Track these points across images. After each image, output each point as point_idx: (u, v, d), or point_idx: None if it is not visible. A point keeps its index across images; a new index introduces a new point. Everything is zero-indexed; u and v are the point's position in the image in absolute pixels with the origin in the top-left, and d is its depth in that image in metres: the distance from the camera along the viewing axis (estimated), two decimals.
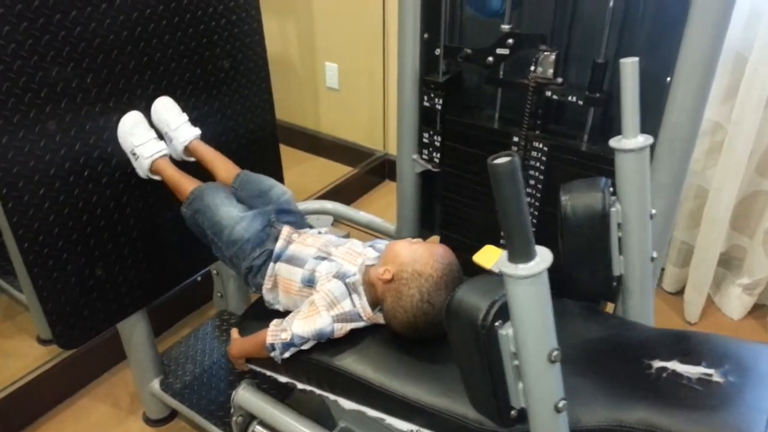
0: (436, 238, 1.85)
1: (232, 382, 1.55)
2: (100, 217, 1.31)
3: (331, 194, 2.45)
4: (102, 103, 1.26)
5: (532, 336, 0.78)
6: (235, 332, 1.28)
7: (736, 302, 1.95)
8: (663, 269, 2.08)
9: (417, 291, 1.08)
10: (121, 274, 1.39)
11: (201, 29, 1.40)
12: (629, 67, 1.01)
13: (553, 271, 1.10)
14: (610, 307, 1.35)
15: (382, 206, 2.54)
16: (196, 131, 1.38)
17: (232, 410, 1.33)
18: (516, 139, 1.47)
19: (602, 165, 1.37)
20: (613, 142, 1.07)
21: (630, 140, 1.05)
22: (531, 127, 1.46)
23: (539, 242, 1.56)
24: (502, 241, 1.60)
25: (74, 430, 1.63)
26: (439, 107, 1.55)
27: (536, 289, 0.75)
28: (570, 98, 1.36)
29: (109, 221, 1.33)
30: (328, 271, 1.17)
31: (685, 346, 1.04)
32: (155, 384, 1.57)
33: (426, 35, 1.52)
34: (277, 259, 1.22)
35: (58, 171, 1.22)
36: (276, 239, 1.24)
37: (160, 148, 1.31)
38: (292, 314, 1.16)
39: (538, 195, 1.50)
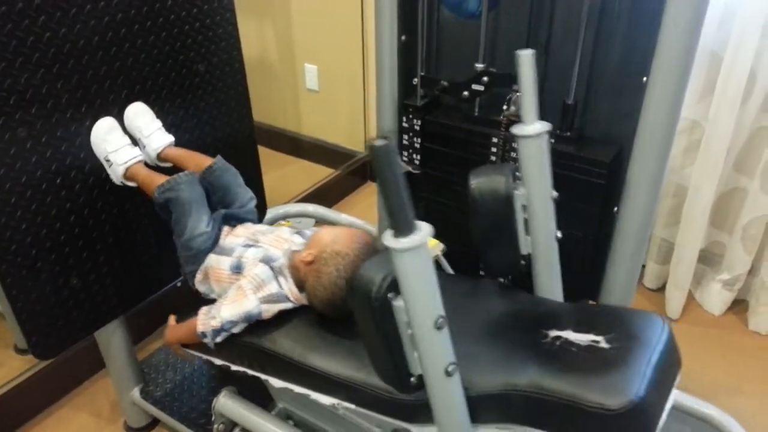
0: None
1: (213, 389, 1.54)
2: (74, 225, 1.29)
3: (313, 196, 2.44)
4: (74, 109, 1.23)
5: (418, 305, 0.84)
6: (171, 319, 1.31)
7: (716, 298, 1.97)
8: (644, 266, 2.09)
9: (334, 269, 1.13)
10: (97, 282, 1.37)
11: (174, 33, 1.38)
12: (526, 58, 1.06)
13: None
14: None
15: (365, 208, 2.53)
16: (170, 138, 1.36)
17: (213, 418, 1.32)
18: (495, 140, 1.47)
19: (580, 164, 1.38)
20: (516, 129, 1.12)
21: (529, 126, 1.10)
22: (504, 159, 1.47)
23: None
24: None
25: None
26: (417, 128, 1.58)
27: (418, 260, 0.80)
28: None
29: (83, 229, 1.31)
30: (254, 257, 1.21)
31: (581, 317, 1.12)
32: (135, 392, 1.55)
33: (403, 38, 1.52)
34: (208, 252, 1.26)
35: (29, 179, 1.20)
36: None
37: (134, 154, 1.30)
38: (219, 300, 1.18)
39: None
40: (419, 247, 0.79)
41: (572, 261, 1.47)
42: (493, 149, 1.48)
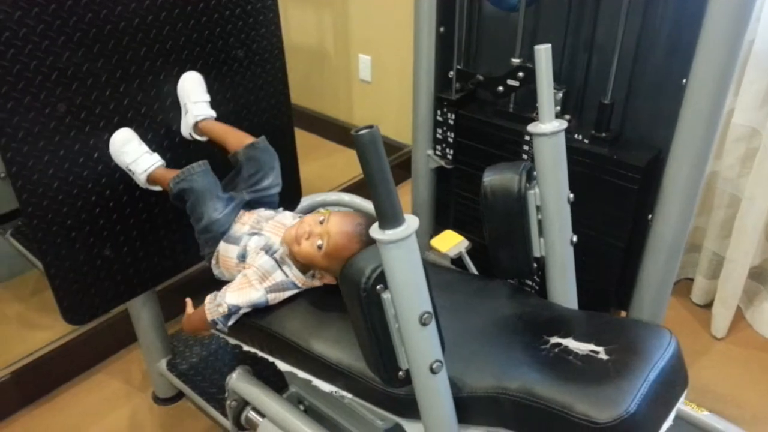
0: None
1: (235, 366, 1.58)
2: (109, 199, 1.35)
3: (357, 187, 2.45)
4: (112, 88, 1.29)
5: (403, 298, 0.82)
6: (189, 305, 1.30)
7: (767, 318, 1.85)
8: (692, 280, 1.99)
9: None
10: (130, 255, 1.43)
11: (214, 17, 1.41)
12: (543, 53, 1.02)
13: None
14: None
15: (408, 201, 2.52)
16: (212, 113, 1.41)
17: (226, 394, 1.35)
18: (528, 137, 1.43)
19: (613, 167, 1.33)
20: (531, 127, 1.08)
21: (546, 124, 1.06)
22: None
23: None
24: None
25: (87, 402, 1.70)
26: (452, 122, 1.56)
27: (405, 253, 0.79)
28: (576, 136, 1.37)
29: (118, 203, 1.37)
30: (256, 245, 1.22)
31: (588, 326, 1.07)
32: (162, 364, 1.61)
33: (442, 29, 1.50)
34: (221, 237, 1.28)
35: (67, 152, 1.26)
36: None
37: (153, 161, 1.34)
38: (224, 287, 1.20)
39: None
40: (405, 239, 0.78)
41: (601, 268, 1.43)
42: (525, 147, 1.44)
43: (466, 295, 1.23)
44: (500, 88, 1.42)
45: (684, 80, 1.19)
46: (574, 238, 1.14)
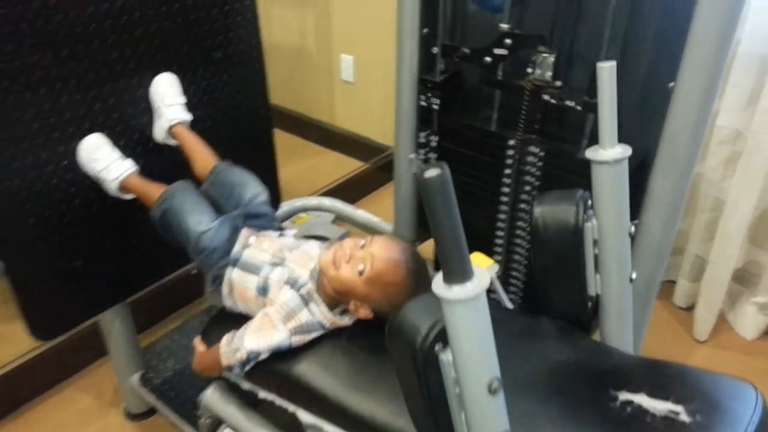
0: (431, 241, 1.80)
1: (212, 380, 1.53)
2: (78, 209, 1.29)
3: (339, 190, 2.41)
4: (82, 93, 1.23)
5: (469, 363, 0.73)
6: (198, 343, 1.21)
7: (750, 321, 1.84)
8: (675, 282, 1.98)
9: (392, 298, 1.03)
10: (101, 267, 1.37)
11: (191, 19, 1.36)
12: (606, 72, 0.94)
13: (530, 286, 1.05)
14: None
15: (390, 205, 2.49)
16: (188, 116, 1.35)
17: (200, 411, 1.30)
18: (512, 142, 1.40)
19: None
20: (590, 153, 0.99)
21: (607, 151, 0.98)
22: (528, 130, 1.39)
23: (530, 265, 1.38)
24: (497, 249, 1.54)
25: (58, 418, 1.64)
26: (435, 107, 1.50)
27: (472, 313, 0.69)
28: (568, 102, 1.30)
29: (88, 213, 1.31)
30: (279, 278, 1.13)
31: (656, 377, 0.97)
32: (135, 378, 1.55)
33: (425, 31, 1.47)
34: (234, 263, 1.17)
35: (35, 160, 1.20)
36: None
37: (125, 167, 1.27)
38: (242, 328, 1.10)
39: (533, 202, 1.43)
40: (475, 298, 0.68)
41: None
42: (510, 152, 1.41)
43: (509, 337, 1.11)
44: (488, 58, 1.35)
45: (671, 84, 1.17)
46: (634, 275, 1.06)
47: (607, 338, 1.12)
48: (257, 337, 1.07)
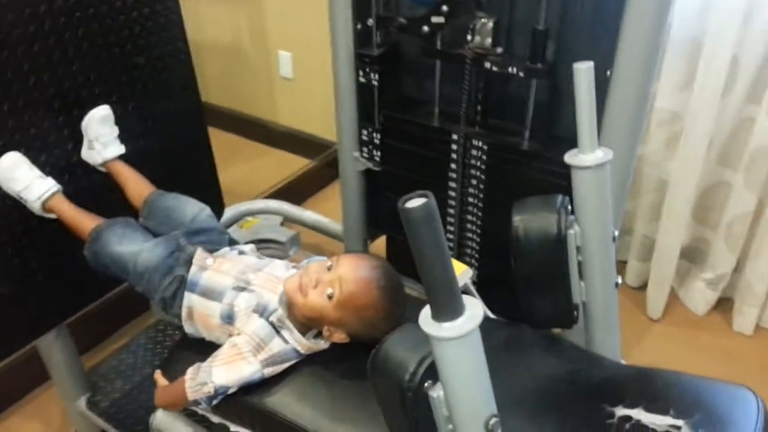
0: (383, 238, 1.77)
1: None
2: (1, 231, 1.21)
3: (286, 190, 2.35)
4: (9, 104, 1.15)
5: (464, 402, 0.68)
6: (159, 377, 1.13)
7: (699, 297, 1.88)
8: (625, 263, 2.01)
9: (368, 324, 0.98)
10: (31, 291, 1.29)
11: (108, 24, 1.28)
12: (583, 73, 0.89)
13: (511, 295, 1.02)
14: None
15: (337, 203, 2.45)
16: (121, 149, 1.30)
17: None
18: (455, 137, 1.38)
19: (545, 165, 1.29)
20: (569, 158, 0.96)
21: (587, 155, 0.94)
22: (470, 122, 1.37)
23: (484, 255, 1.41)
24: (448, 245, 1.52)
25: None
26: (375, 83, 1.44)
27: (466, 349, 0.65)
28: (510, 69, 1.25)
29: (12, 234, 1.23)
30: (247, 305, 1.06)
31: (651, 388, 0.94)
32: (82, 402, 1.48)
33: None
34: (192, 288, 1.10)
35: None
36: (187, 263, 1.12)
37: (47, 186, 1.19)
38: (209, 360, 1.03)
39: (481, 196, 1.41)
40: (467, 335, 0.62)
41: None
42: (454, 146, 1.39)
43: (491, 349, 1.03)
44: (425, 28, 1.30)
45: (608, 72, 1.16)
46: (619, 280, 1.03)
47: (593, 346, 1.09)
48: (225, 370, 1.00)
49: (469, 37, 1.27)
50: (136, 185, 1.28)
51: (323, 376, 1.03)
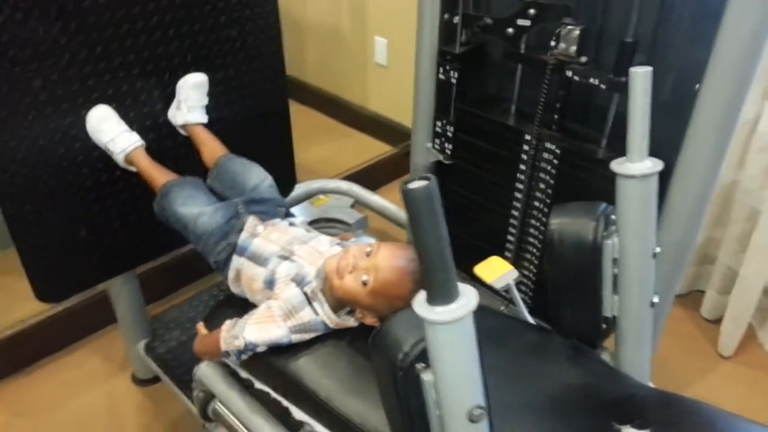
0: None
1: None
2: (86, 178, 1.31)
3: (364, 173, 2.39)
4: (91, 65, 1.24)
5: (450, 389, 0.68)
6: (201, 327, 1.21)
7: None
8: (703, 292, 1.89)
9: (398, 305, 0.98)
10: (107, 236, 1.39)
11: None
12: (640, 77, 0.85)
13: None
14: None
15: None
16: (204, 119, 1.39)
17: (193, 384, 1.31)
18: (527, 137, 1.34)
19: (612, 175, 1.23)
20: (615, 165, 0.91)
21: (635, 164, 0.89)
22: (546, 124, 1.32)
23: (542, 264, 1.28)
24: (508, 246, 1.48)
25: (67, 377, 1.69)
26: (454, 81, 1.43)
27: (456, 336, 0.64)
28: (592, 80, 1.20)
29: (96, 182, 1.33)
30: (287, 273, 1.10)
31: (667, 413, 0.90)
32: (141, 346, 1.58)
33: None
34: (242, 252, 1.16)
35: (43, 130, 1.22)
36: (241, 231, 1.18)
37: (131, 141, 1.28)
38: (245, 317, 1.09)
39: (548, 201, 1.37)
40: (460, 320, 0.62)
41: None
42: (525, 147, 1.36)
43: (517, 351, 1.07)
44: (510, 30, 1.28)
45: (697, 85, 1.09)
46: (656, 299, 0.99)
47: (621, 364, 1.05)
48: (257, 329, 1.06)
49: (553, 43, 1.24)
50: (212, 147, 1.35)
51: (347, 350, 1.06)
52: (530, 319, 1.23)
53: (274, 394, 1.12)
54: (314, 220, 1.95)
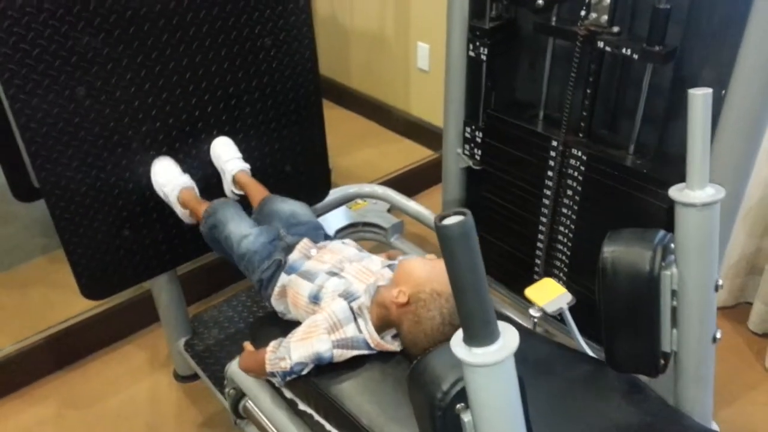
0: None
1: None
2: (128, 180, 1.39)
3: (403, 178, 2.41)
4: (132, 73, 1.31)
5: (490, 431, 0.65)
6: (248, 345, 1.24)
7: None
8: (750, 304, 1.81)
9: (438, 313, 0.98)
10: (149, 236, 1.46)
11: (240, 5, 1.40)
12: (699, 99, 0.81)
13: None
14: None
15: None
16: (246, 165, 1.46)
17: (225, 381, 1.36)
18: (554, 143, 1.34)
19: (649, 185, 1.21)
20: (674, 192, 0.88)
21: (695, 192, 0.86)
22: (573, 129, 1.31)
23: (573, 271, 1.33)
24: (537, 261, 1.47)
25: (114, 371, 1.78)
26: (484, 57, 1.42)
27: (496, 379, 0.62)
28: (624, 50, 1.16)
29: (137, 185, 1.40)
30: (335, 289, 1.11)
31: None
32: (181, 343, 1.65)
33: None
34: (291, 271, 1.19)
35: (86, 134, 1.30)
36: (286, 250, 1.23)
37: (182, 182, 1.39)
38: (289, 335, 1.10)
39: (576, 209, 1.36)
40: (500, 363, 0.60)
41: None
42: (552, 153, 1.35)
43: (567, 383, 1.03)
44: (540, 1, 1.25)
45: (723, 91, 1.06)
46: (719, 335, 0.95)
47: (681, 403, 1.01)
48: (301, 345, 1.06)
49: (583, 13, 1.20)
50: (256, 189, 1.43)
51: (392, 375, 1.04)
52: (586, 348, 1.20)
53: (317, 417, 1.12)
54: (351, 223, 1.97)
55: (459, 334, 0.61)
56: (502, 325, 0.61)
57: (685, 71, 1.18)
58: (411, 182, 2.39)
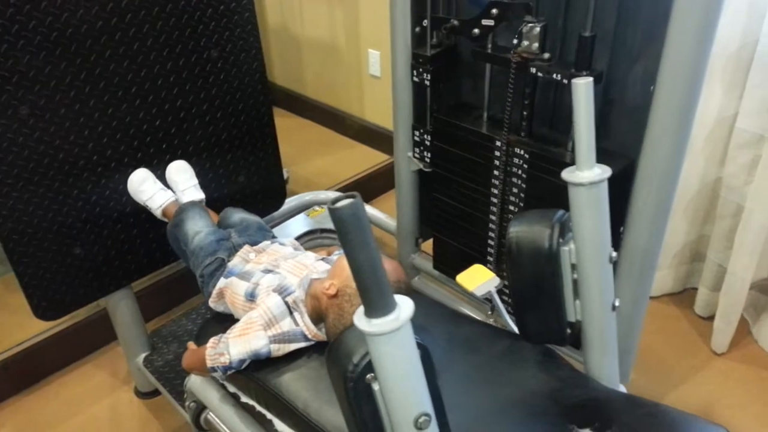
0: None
1: None
2: (77, 199, 1.38)
3: (362, 183, 2.44)
4: (77, 90, 1.31)
5: (395, 398, 0.70)
6: (191, 344, 1.27)
7: None
8: (696, 290, 1.89)
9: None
10: (101, 253, 1.45)
11: (184, 18, 1.41)
12: (582, 88, 0.89)
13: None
14: None
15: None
16: (201, 195, 1.49)
17: (185, 395, 1.36)
18: (498, 143, 1.38)
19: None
20: (566, 174, 0.95)
21: (584, 172, 0.93)
22: (515, 129, 1.36)
23: None
24: (489, 258, 1.51)
25: (73, 392, 1.75)
26: (427, 83, 1.48)
27: (395, 346, 0.67)
28: (555, 76, 1.23)
29: (86, 203, 1.39)
30: (269, 284, 1.14)
31: (627, 416, 0.93)
32: (140, 359, 1.64)
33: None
34: (229, 275, 1.24)
35: (31, 153, 1.29)
36: (229, 251, 1.28)
37: (166, 197, 1.43)
38: (228, 331, 1.12)
39: (521, 206, 1.40)
40: (397, 330, 0.65)
41: None
42: (497, 153, 1.39)
43: (489, 358, 1.10)
44: (476, 30, 1.31)
45: (652, 87, 1.11)
46: (617, 302, 1.01)
47: (590, 369, 1.07)
48: (239, 342, 1.10)
49: (515, 41, 1.27)
50: (214, 217, 1.47)
51: (323, 365, 1.08)
52: (513, 326, 1.25)
53: (258, 407, 1.16)
54: (309, 231, 1.99)
55: (361, 309, 0.66)
56: (398, 297, 0.66)
57: (613, 92, 1.24)
58: (367, 187, 2.42)
